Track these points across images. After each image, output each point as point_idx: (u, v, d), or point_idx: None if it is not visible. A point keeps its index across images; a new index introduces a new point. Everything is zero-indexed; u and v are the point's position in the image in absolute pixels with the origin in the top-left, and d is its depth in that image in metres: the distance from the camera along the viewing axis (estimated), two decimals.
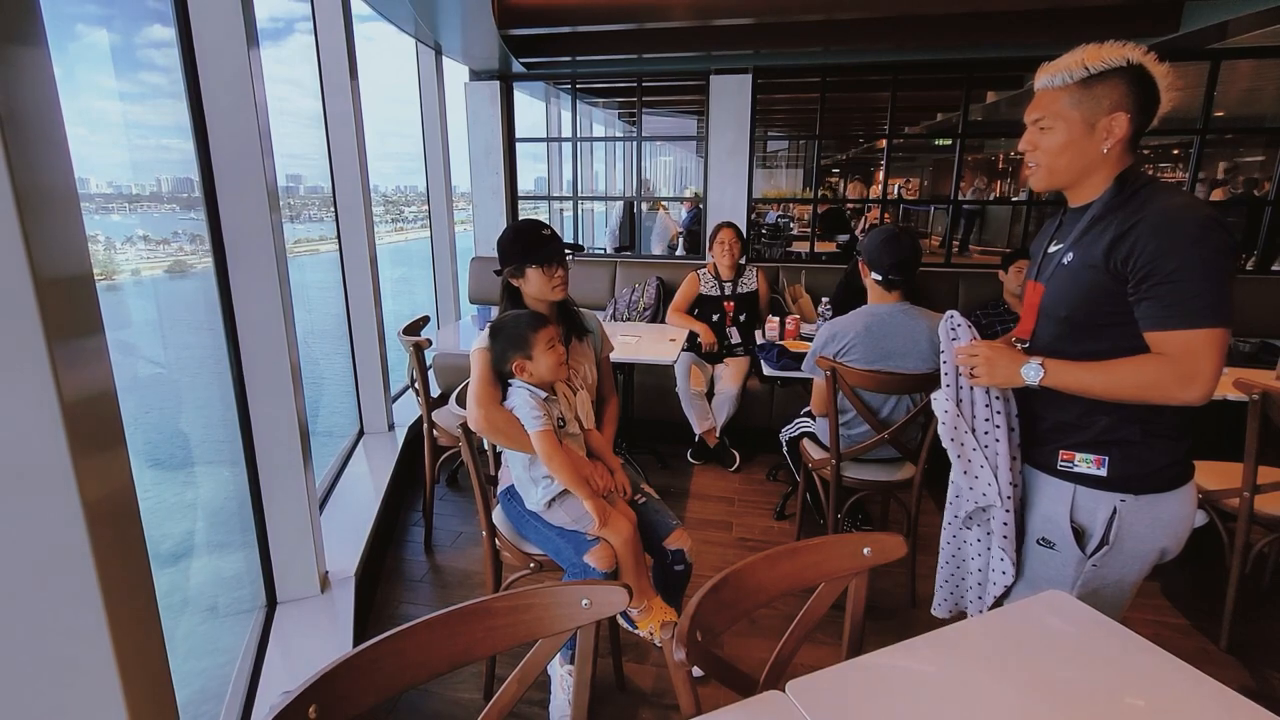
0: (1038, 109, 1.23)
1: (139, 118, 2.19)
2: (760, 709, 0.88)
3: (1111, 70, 1.14)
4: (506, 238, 1.80)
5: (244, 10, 1.65)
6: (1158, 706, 0.91)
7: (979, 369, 1.29)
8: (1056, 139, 1.20)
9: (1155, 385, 1.13)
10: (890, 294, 2.11)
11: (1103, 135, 1.17)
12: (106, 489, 0.85)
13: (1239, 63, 3.70)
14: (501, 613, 0.90)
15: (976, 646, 1.03)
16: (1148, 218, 1.12)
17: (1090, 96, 1.16)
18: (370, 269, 3.12)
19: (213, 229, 1.69)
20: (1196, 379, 1.10)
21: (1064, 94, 1.18)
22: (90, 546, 0.81)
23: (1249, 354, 2.80)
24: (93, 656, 0.84)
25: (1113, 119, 1.15)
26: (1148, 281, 1.12)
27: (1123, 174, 1.20)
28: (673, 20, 3.50)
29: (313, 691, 0.70)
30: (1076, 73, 1.15)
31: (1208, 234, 1.08)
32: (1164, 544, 1.26)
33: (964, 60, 3.90)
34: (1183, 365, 1.11)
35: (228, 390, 1.81)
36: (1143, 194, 1.17)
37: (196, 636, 2.10)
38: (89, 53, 2.82)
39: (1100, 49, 1.15)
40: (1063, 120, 1.19)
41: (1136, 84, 1.14)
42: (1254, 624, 2.23)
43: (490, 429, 1.65)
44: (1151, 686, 0.94)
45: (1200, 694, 0.91)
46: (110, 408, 0.88)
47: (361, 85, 3.04)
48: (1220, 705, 0.89)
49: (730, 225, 3.57)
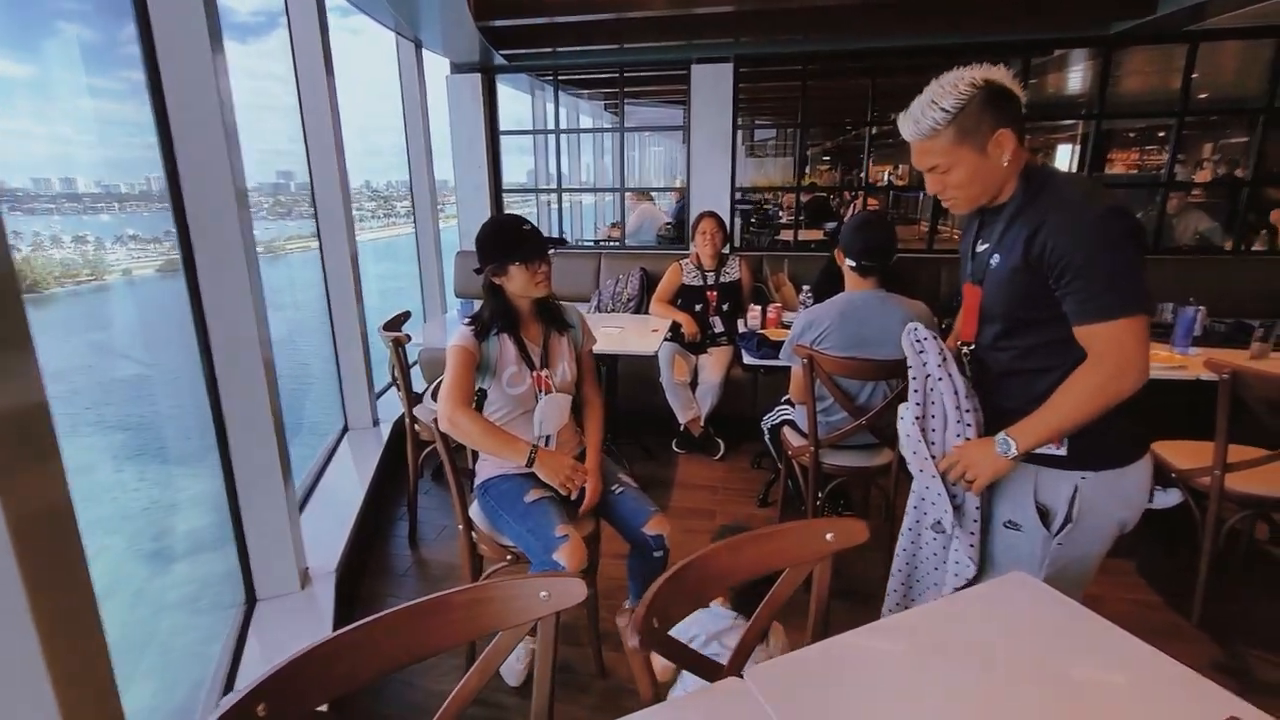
0: (927, 158, 1.26)
1: (125, 115, 2.14)
2: (718, 697, 0.89)
3: (970, 99, 1.18)
4: (486, 235, 1.77)
5: (206, 8, 1.62)
6: (1115, 685, 0.92)
7: (970, 476, 1.32)
8: (961, 175, 1.24)
9: (1101, 390, 1.17)
10: (865, 280, 2.11)
11: (997, 153, 1.21)
12: (38, 505, 0.83)
13: (1228, 44, 3.71)
14: (460, 607, 0.90)
15: (938, 629, 1.04)
16: (1051, 216, 1.17)
17: (967, 129, 1.20)
18: (351, 265, 3.11)
19: (180, 230, 1.68)
20: (1129, 369, 1.14)
21: (941, 138, 1.22)
22: (17, 568, 0.78)
23: (1225, 334, 2.82)
24: (26, 686, 0.81)
25: (999, 136, 1.20)
26: (1064, 277, 1.15)
27: (1025, 171, 1.24)
28: (653, 9, 3.48)
29: (261, 690, 0.70)
30: (942, 116, 1.19)
31: (1109, 224, 1.12)
32: (1123, 516, 1.30)
33: (946, 46, 3.89)
34: (1111, 361, 1.15)
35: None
36: (1047, 188, 1.21)
37: (190, 632, 2.10)
38: (69, 50, 2.77)
39: (943, 86, 1.20)
40: (956, 158, 1.23)
41: (997, 98, 1.19)
42: (1226, 600, 2.27)
43: (453, 428, 1.66)
44: (1110, 665, 0.96)
45: (1158, 672, 0.92)
46: (42, 420, 0.86)
47: (351, 80, 3.00)
48: (1177, 682, 0.90)
49: (712, 214, 3.56)
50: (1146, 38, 3.68)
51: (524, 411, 1.82)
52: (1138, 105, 6.38)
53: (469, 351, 1.73)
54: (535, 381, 1.80)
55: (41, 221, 4.10)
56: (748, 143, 11.09)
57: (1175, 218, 4.61)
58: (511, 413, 1.82)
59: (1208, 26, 3.47)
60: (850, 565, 2.47)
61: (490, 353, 1.77)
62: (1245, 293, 3.60)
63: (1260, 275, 3.74)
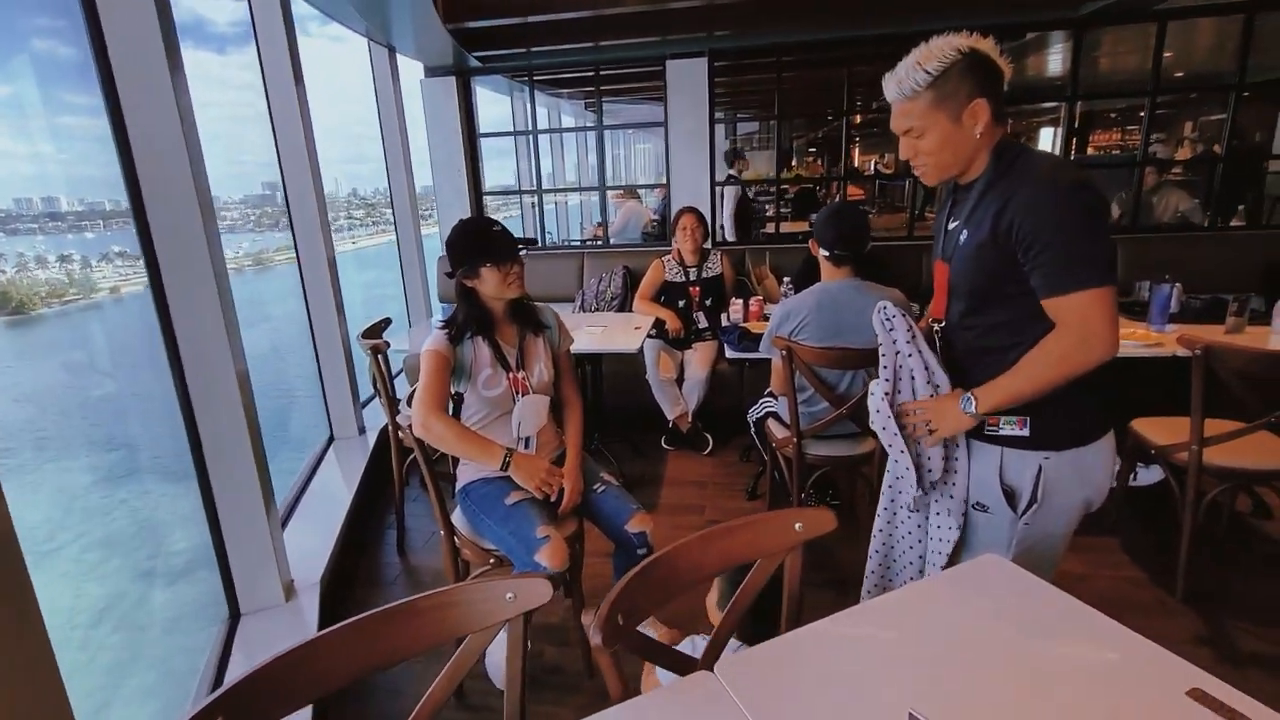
0: (904, 120, 1.27)
1: (106, 132, 2.15)
2: (687, 691, 0.89)
3: (953, 63, 1.18)
4: (455, 238, 1.76)
5: (161, 23, 1.60)
6: (1084, 662, 0.93)
7: (932, 425, 1.34)
8: (932, 141, 1.25)
9: (1066, 359, 1.18)
10: (839, 270, 2.12)
11: (970, 123, 1.21)
12: None
13: (1204, 22, 3.73)
14: (426, 611, 0.90)
15: (909, 614, 1.05)
16: (1019, 190, 1.17)
17: (945, 94, 1.20)
18: (330, 274, 3.09)
19: (145, 248, 1.66)
20: (1095, 339, 1.14)
21: (920, 100, 1.22)
22: None
23: (1200, 310, 2.84)
24: None
25: (974, 106, 1.20)
26: (1032, 250, 1.16)
27: (997, 147, 1.24)
28: (626, 6, 3.47)
29: (217, 705, 0.70)
30: (922, 78, 1.20)
31: (1076, 198, 1.13)
32: (1087, 495, 1.31)
33: (919, 33, 3.88)
34: (1078, 331, 1.15)
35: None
36: (1017, 164, 1.21)
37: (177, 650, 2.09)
38: (45, 67, 2.73)
39: (932, 48, 1.20)
40: (931, 123, 1.23)
41: (979, 67, 1.19)
42: (1209, 574, 2.29)
43: (427, 433, 1.65)
44: (1080, 643, 0.96)
45: (1128, 649, 0.92)
46: None
47: (336, 88, 2.98)
48: (1145, 658, 0.90)
49: (692, 210, 3.56)
50: (1116, 17, 3.70)
51: (502, 414, 1.81)
52: (1111, 86, 6.43)
53: (443, 355, 1.72)
54: (512, 383, 1.80)
55: (25, 242, 4.06)
56: (730, 136, 11.11)
57: (1154, 195, 4.65)
58: (489, 415, 1.81)
59: (1176, 5, 3.49)
60: (837, 554, 2.48)
61: (465, 356, 1.77)
62: (1222, 268, 3.63)
63: (1235, 251, 3.78)
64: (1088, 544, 2.50)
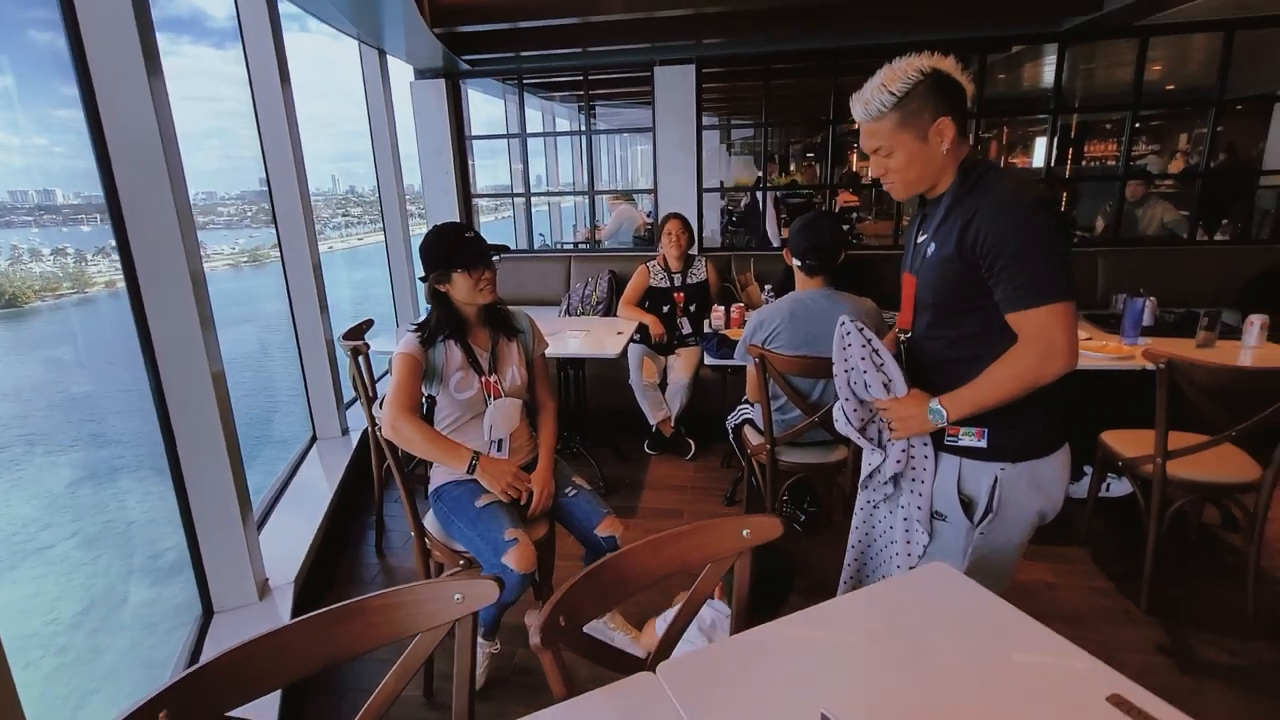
0: (873, 140, 1.30)
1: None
2: (627, 691, 0.92)
3: (917, 84, 1.22)
4: (428, 243, 1.79)
5: (138, 18, 1.62)
6: (1014, 666, 0.96)
7: (895, 425, 1.36)
8: (900, 159, 1.28)
9: (1030, 371, 1.21)
10: (812, 280, 2.15)
11: (937, 141, 1.25)
12: None
13: (1196, 37, 3.77)
14: (377, 610, 0.92)
15: (852, 620, 1.08)
16: (983, 207, 1.20)
17: (910, 114, 1.24)
18: (314, 275, 3.11)
19: (121, 246, 1.68)
20: (1055, 353, 1.18)
21: (886, 120, 1.26)
22: None
23: (1174, 323, 2.88)
24: None
25: (939, 124, 1.23)
26: (995, 265, 1.19)
27: (964, 164, 1.28)
28: (614, 13, 3.50)
29: (162, 698, 0.72)
30: (888, 99, 1.23)
31: (1036, 217, 1.16)
32: (1041, 507, 1.34)
33: (904, 44, 3.94)
34: (1040, 344, 1.19)
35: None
36: (982, 182, 1.25)
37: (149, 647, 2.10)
38: (41, 59, 2.72)
39: (894, 70, 1.24)
40: (898, 142, 1.27)
41: (942, 86, 1.23)
42: (1175, 584, 2.32)
43: (395, 435, 1.68)
44: (1012, 649, 0.99)
45: (1058, 655, 0.95)
46: None
47: (331, 86, 3.00)
48: (1073, 664, 0.93)
49: (677, 216, 3.59)
50: (1098, 33, 3.75)
51: (473, 416, 1.84)
52: (1100, 98, 6.51)
53: (414, 359, 1.74)
54: (484, 386, 1.83)
55: (19, 234, 4.06)
56: (725, 141, 11.16)
57: (1140, 208, 4.70)
58: (461, 418, 1.84)
59: (1158, 21, 3.54)
60: (811, 559, 2.51)
61: (436, 359, 1.79)
62: (1203, 282, 3.68)
63: (1217, 265, 3.82)
64: (1059, 554, 2.53)
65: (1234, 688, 1.89)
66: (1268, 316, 2.59)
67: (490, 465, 1.74)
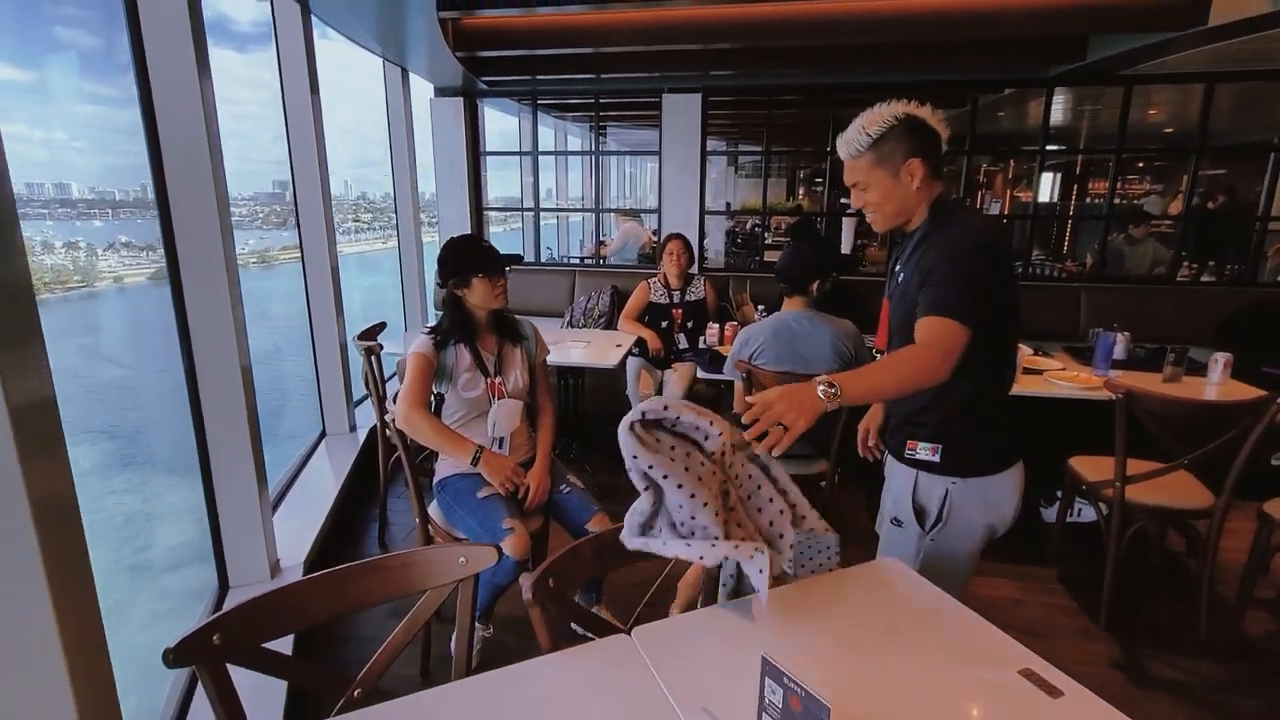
0: (852, 175, 1.45)
1: (121, 122, 2.22)
2: (604, 649, 1.06)
3: (891, 128, 1.36)
4: (450, 251, 1.98)
5: (192, 24, 1.79)
6: (940, 645, 1.10)
7: (788, 419, 1.13)
8: (876, 194, 1.43)
9: (925, 369, 1.26)
10: (792, 300, 2.32)
11: (907, 179, 1.39)
12: (50, 490, 0.98)
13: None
14: (392, 569, 1.07)
15: (812, 601, 1.21)
16: (938, 241, 1.36)
17: (884, 154, 1.39)
18: (332, 277, 3.28)
19: (166, 240, 1.85)
20: (941, 362, 1.26)
21: (864, 159, 1.41)
22: (38, 546, 0.94)
23: (1144, 358, 3.03)
24: (39, 645, 0.97)
25: (909, 165, 1.38)
26: (926, 282, 1.33)
27: (935, 203, 1.42)
28: (626, 45, 3.71)
29: (216, 624, 0.87)
30: (864, 141, 1.38)
31: (976, 253, 1.31)
32: (991, 521, 1.46)
33: (902, 83, 4.16)
34: (940, 347, 1.27)
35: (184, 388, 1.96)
36: (949, 222, 1.39)
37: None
38: (68, 55, 2.86)
39: (872, 114, 1.38)
40: (873, 179, 1.41)
41: (915, 131, 1.37)
42: (1134, 606, 2.45)
43: (408, 426, 1.83)
44: (943, 631, 1.13)
45: (985, 638, 1.09)
46: (51, 413, 1.01)
47: (349, 93, 3.16)
48: (995, 645, 1.06)
49: (678, 236, 3.77)
50: (1085, 80, 3.95)
51: (478, 414, 1.99)
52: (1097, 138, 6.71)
53: (427, 358, 1.91)
54: (489, 388, 1.98)
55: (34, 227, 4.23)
56: (732, 164, 11.41)
57: (1137, 247, 4.90)
58: (467, 415, 1.99)
59: (1141, 72, 3.74)
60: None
61: (447, 360, 1.95)
62: (1181, 320, 3.83)
63: (1200, 304, 3.97)
64: (1026, 572, 2.66)
65: (1183, 702, 2.00)
66: (1231, 355, 2.74)
67: (492, 459, 1.89)
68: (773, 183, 11.00)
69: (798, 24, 3.35)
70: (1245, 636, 2.30)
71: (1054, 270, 6.08)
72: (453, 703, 0.93)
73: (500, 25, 3.58)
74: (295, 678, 1.10)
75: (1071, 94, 4.50)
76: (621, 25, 3.50)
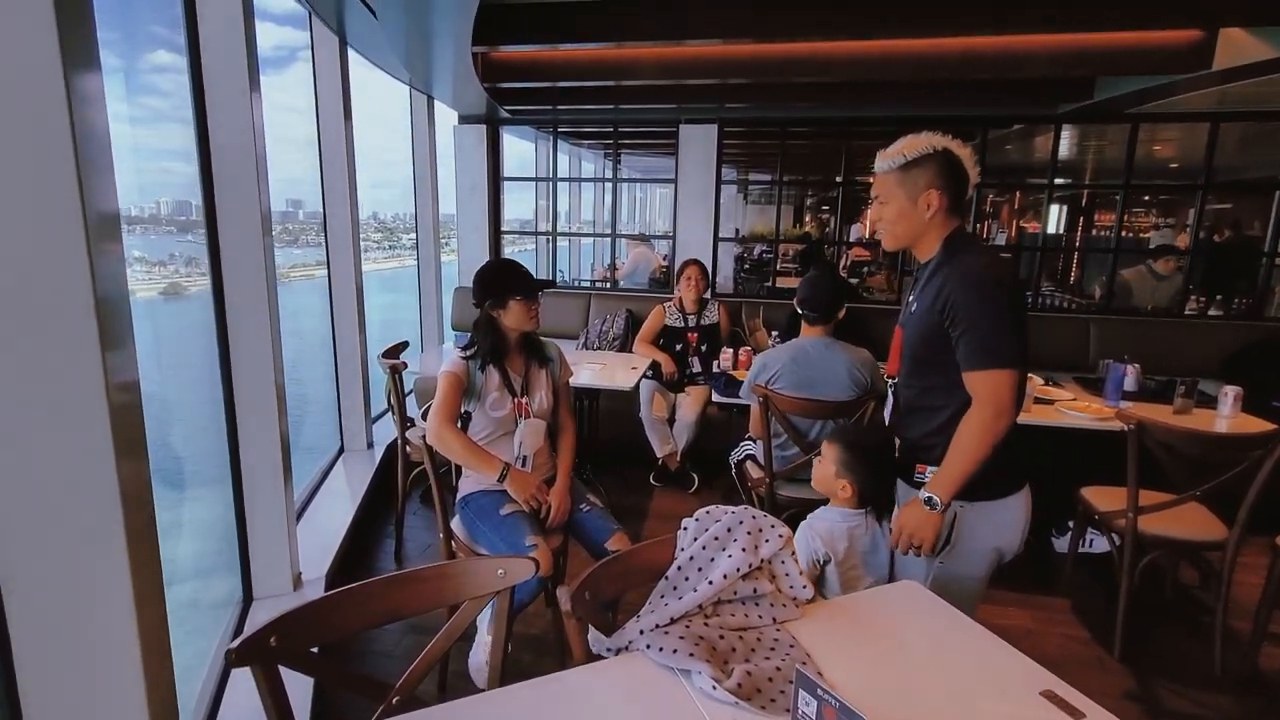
0: (877, 189, 1.53)
1: (142, 141, 2.30)
2: (623, 661, 1.09)
3: (925, 156, 1.44)
4: (489, 273, 2.04)
5: (247, 49, 1.90)
6: (960, 664, 1.13)
7: (917, 540, 1.47)
8: (891, 211, 1.50)
9: (987, 429, 1.39)
10: (812, 328, 2.38)
11: (924, 207, 1.46)
12: (135, 480, 1.04)
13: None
14: (431, 579, 1.12)
15: (833, 621, 1.25)
16: (953, 276, 1.42)
17: (910, 178, 1.46)
18: (356, 296, 3.37)
19: (212, 253, 1.92)
20: (1004, 412, 1.38)
21: (892, 177, 1.49)
22: (124, 530, 1.00)
23: (1155, 390, 3.06)
24: (117, 622, 1.03)
25: (928, 194, 1.45)
26: (956, 328, 1.40)
27: (949, 236, 1.49)
28: (645, 79, 3.83)
29: (273, 627, 0.92)
30: (898, 160, 1.46)
31: (997, 292, 1.37)
32: (998, 545, 1.50)
33: (914, 118, 4.27)
34: (990, 404, 1.38)
35: (217, 406, 2.02)
36: (960, 256, 1.46)
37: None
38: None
39: (916, 139, 1.45)
40: (893, 197, 1.49)
41: (945, 165, 1.44)
42: (1149, 637, 2.44)
43: (438, 442, 1.89)
44: (962, 650, 1.16)
45: (1005, 659, 1.12)
46: (139, 414, 1.07)
47: (367, 114, 3.26)
48: (1016, 667, 1.09)
49: (695, 262, 3.85)
50: (1092, 117, 4.05)
51: (504, 433, 2.04)
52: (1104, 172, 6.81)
53: (458, 377, 1.96)
54: (515, 407, 2.03)
55: None
56: (741, 191, 11.57)
57: (1161, 282, 4.93)
58: (493, 433, 2.04)
59: (1146, 111, 3.83)
60: None
61: (476, 379, 2.01)
62: (1192, 353, 3.86)
63: (1210, 337, 4.00)
64: (1040, 602, 2.66)
65: None
66: (1241, 388, 2.77)
67: (518, 476, 1.94)
68: (783, 210, 11.17)
69: (812, 61, 3.47)
70: (1260, 671, 2.30)
71: (1063, 301, 6.13)
72: (500, 705, 0.96)
73: (526, 58, 3.71)
74: (340, 682, 1.13)
75: (1078, 129, 4.60)
76: (641, 60, 3.62)
